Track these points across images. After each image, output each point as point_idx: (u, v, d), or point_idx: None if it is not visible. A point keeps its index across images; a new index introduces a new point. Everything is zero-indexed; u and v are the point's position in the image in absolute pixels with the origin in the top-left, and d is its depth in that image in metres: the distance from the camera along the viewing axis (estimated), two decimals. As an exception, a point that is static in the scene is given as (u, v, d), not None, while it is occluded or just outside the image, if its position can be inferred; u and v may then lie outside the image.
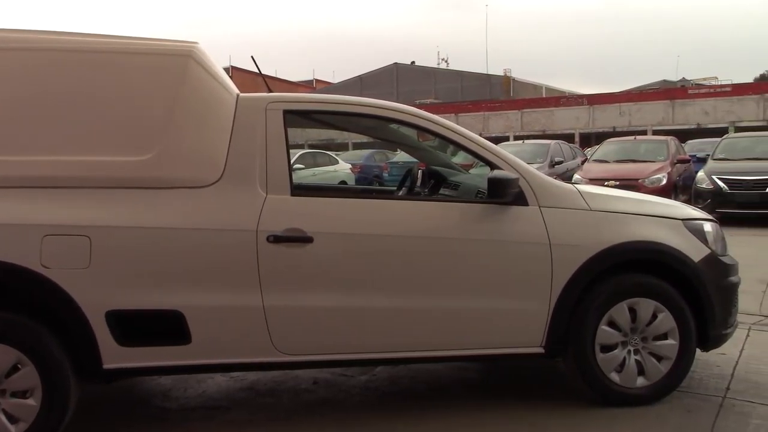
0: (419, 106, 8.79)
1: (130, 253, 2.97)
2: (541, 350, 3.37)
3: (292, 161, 3.39)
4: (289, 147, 3.26)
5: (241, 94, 3.31)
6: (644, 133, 28.07)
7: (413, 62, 54.21)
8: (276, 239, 3.06)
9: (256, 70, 3.88)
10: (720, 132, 22.37)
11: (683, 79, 48.17)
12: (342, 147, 33.14)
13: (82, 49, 3.12)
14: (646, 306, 3.42)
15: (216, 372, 3.83)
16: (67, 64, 3.07)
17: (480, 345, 3.35)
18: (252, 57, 3.95)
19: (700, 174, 11.98)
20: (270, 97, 3.33)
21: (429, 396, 3.79)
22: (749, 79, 48.60)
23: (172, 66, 3.15)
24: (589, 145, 26.73)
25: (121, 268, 2.96)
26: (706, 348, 3.63)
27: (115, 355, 2.98)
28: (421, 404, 3.64)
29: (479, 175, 3.86)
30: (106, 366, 2.98)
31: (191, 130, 3.11)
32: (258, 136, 3.20)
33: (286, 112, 3.29)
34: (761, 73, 55.74)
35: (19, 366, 2.87)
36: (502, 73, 49.12)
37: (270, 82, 3.93)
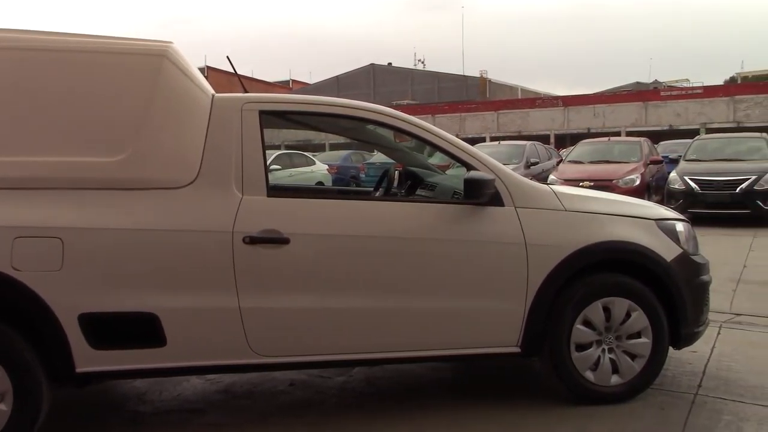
0: (396, 107, 8.82)
1: (104, 255, 2.93)
2: (517, 350, 3.39)
3: (268, 162, 3.37)
4: (265, 147, 3.25)
5: (217, 95, 3.28)
6: (618, 134, 28.40)
7: (390, 63, 54.24)
8: (252, 240, 3.05)
9: (232, 70, 3.86)
10: (691, 133, 22.77)
11: (656, 81, 48.93)
12: (319, 148, 33.05)
13: (53, 48, 3.07)
14: (620, 305, 3.46)
15: (192, 374, 3.79)
16: (39, 64, 3.02)
17: (457, 345, 3.36)
18: (227, 57, 3.93)
19: (673, 175, 12.18)
20: (246, 97, 3.31)
21: (406, 397, 3.80)
22: (719, 82, 49.47)
23: (146, 66, 3.11)
24: (564, 146, 27.02)
25: (94, 271, 2.92)
26: (678, 346, 3.68)
27: (88, 359, 2.94)
28: (398, 405, 3.64)
29: (455, 176, 3.88)
30: (79, 369, 2.94)
31: (166, 131, 3.08)
32: (234, 137, 3.18)
33: (262, 113, 3.27)
34: (731, 75, 56.79)
35: (-11, 370, 2.81)
36: (478, 75, 49.39)
37: (246, 83, 3.91)
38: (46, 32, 3.13)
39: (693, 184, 11.57)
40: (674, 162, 14.32)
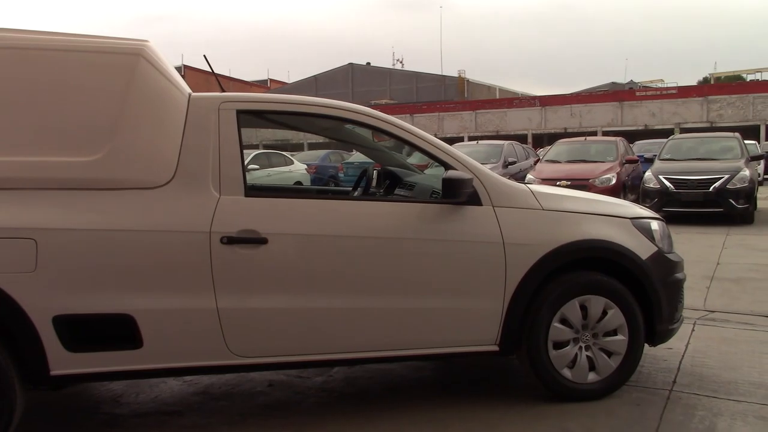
0: (374, 107, 8.81)
1: (79, 257, 2.89)
2: (495, 348, 3.41)
3: (246, 162, 3.35)
4: (242, 147, 3.23)
5: (194, 94, 3.26)
6: (594, 133, 28.76)
7: (368, 63, 54.27)
8: (230, 240, 3.03)
9: (209, 69, 3.83)
10: (666, 133, 23.13)
11: (631, 82, 49.62)
12: (297, 147, 32.99)
13: (27, 46, 3.02)
14: (596, 303, 3.50)
15: (169, 376, 3.76)
16: (12, 62, 2.97)
17: (436, 344, 3.37)
18: (205, 56, 3.90)
19: (648, 174, 12.34)
20: (223, 96, 3.29)
21: (386, 396, 3.80)
22: (693, 82, 50.29)
23: (121, 65, 3.07)
24: (542, 146, 27.25)
25: (69, 272, 2.88)
26: (653, 343, 3.73)
27: (63, 361, 2.90)
28: (377, 405, 3.64)
29: (434, 176, 3.89)
30: (53, 372, 2.90)
31: (142, 130, 3.05)
32: (211, 137, 3.15)
33: (240, 112, 3.25)
34: (704, 76, 57.72)
35: (-39, 374, 2.76)
36: (456, 74, 49.61)
37: (223, 82, 3.89)
38: (17, 30, 3.08)
39: (668, 183, 11.74)
40: (649, 161, 14.52)
